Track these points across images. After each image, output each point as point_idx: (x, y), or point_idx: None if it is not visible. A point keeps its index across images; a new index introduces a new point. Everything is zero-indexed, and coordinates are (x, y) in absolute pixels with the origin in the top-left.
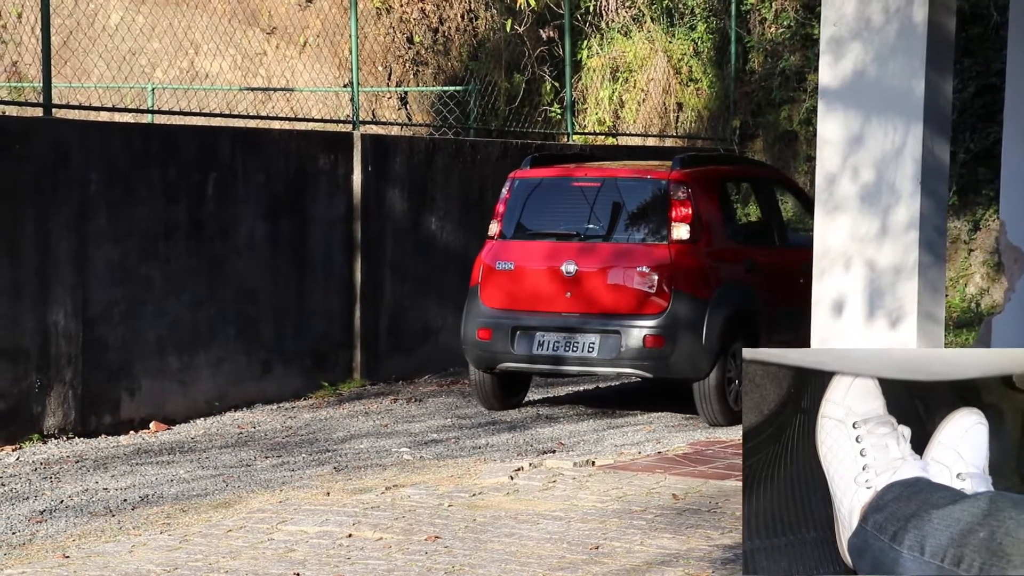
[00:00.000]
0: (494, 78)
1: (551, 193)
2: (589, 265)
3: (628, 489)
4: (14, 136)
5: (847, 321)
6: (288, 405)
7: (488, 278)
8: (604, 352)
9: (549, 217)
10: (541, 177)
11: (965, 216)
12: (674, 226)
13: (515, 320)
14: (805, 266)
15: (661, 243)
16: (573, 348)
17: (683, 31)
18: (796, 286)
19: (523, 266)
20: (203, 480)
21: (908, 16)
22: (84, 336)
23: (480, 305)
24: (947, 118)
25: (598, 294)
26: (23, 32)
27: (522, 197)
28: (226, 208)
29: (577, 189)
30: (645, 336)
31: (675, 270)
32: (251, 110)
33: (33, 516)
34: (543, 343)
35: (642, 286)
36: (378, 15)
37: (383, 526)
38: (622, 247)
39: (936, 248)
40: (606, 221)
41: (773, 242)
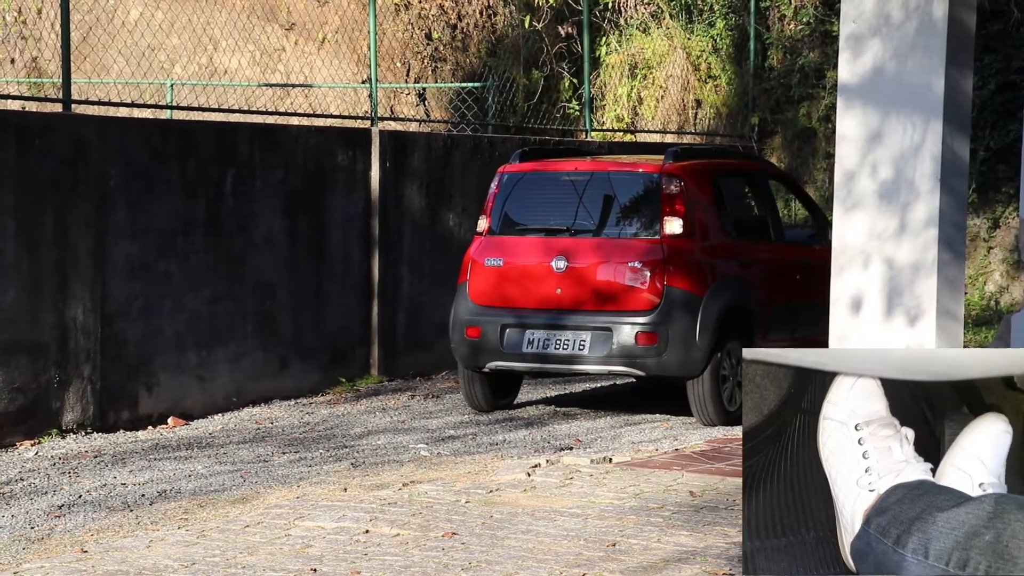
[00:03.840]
0: (512, 74)
1: (540, 187)
2: (579, 261)
3: (645, 486)
4: (34, 131)
5: (865, 319)
6: (306, 401)
7: (476, 274)
8: (595, 350)
9: (538, 212)
10: (530, 171)
11: (984, 213)
12: (666, 220)
13: (504, 318)
14: (802, 262)
15: (653, 238)
16: (563, 346)
17: (702, 28)
18: (793, 282)
19: (512, 262)
20: (221, 475)
21: (928, 13)
22: (103, 331)
23: (468, 302)
24: (967, 115)
25: (589, 290)
26: (43, 28)
27: (511, 192)
28: (244, 204)
29: (567, 183)
30: (637, 333)
31: (667, 265)
32: (269, 106)
33: (52, 511)
34: (532, 341)
35: (633, 282)
36: (397, 11)
37: (400, 522)
38: (613, 242)
39: (955, 245)
40: (597, 216)
41: (769, 237)
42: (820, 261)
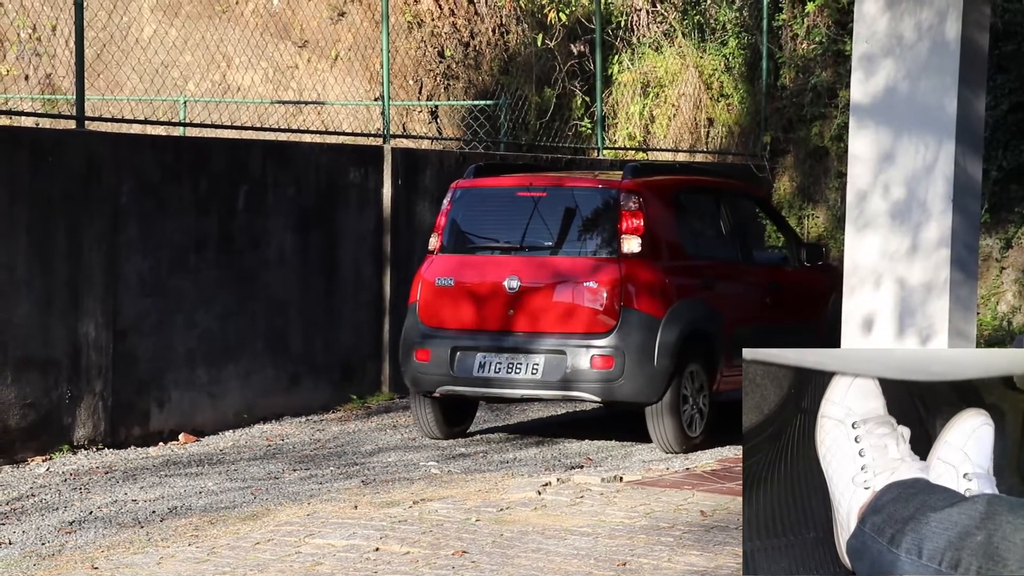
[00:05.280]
0: (525, 92)
1: (495, 204)
2: (534, 281)
3: (656, 505)
4: (47, 148)
5: (877, 338)
6: (316, 418)
7: (427, 295)
8: (549, 374)
9: (492, 229)
10: (485, 187)
11: (997, 234)
12: (624, 239)
13: (455, 340)
14: (772, 284)
15: (611, 257)
16: (516, 370)
17: (714, 47)
18: (762, 305)
19: (464, 282)
20: (231, 492)
21: (941, 33)
22: (114, 347)
23: (418, 324)
24: (979, 135)
25: (543, 312)
26: (57, 44)
27: (464, 208)
28: (256, 221)
29: (522, 199)
30: (592, 357)
31: (625, 286)
32: (282, 123)
33: (63, 527)
34: (484, 365)
35: (590, 303)
36: (409, 29)
37: (410, 540)
38: (569, 261)
39: (967, 266)
40: (553, 233)
41: (736, 258)
42: (792, 283)
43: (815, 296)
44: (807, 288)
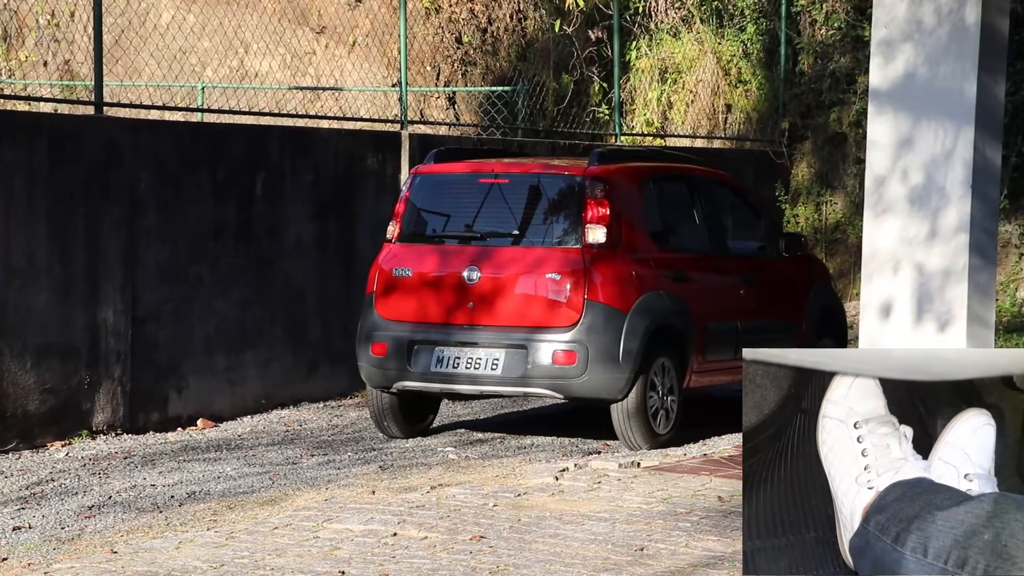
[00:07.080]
0: (542, 78)
1: (455, 191)
2: (494, 272)
3: (673, 491)
4: (66, 134)
5: (895, 324)
6: (334, 404)
7: (384, 286)
8: (509, 370)
9: (452, 218)
10: (445, 173)
11: (1016, 219)
12: (588, 228)
13: (412, 334)
14: (748, 276)
15: (574, 247)
16: (475, 365)
17: (733, 32)
18: (736, 298)
19: (422, 272)
20: (249, 477)
21: (960, 18)
22: (133, 334)
23: (375, 316)
24: (999, 121)
25: (503, 304)
26: (75, 31)
27: (424, 195)
28: (274, 208)
29: (484, 186)
30: (554, 352)
31: (589, 277)
32: (300, 109)
33: (82, 511)
34: (442, 359)
35: (552, 295)
36: (427, 15)
37: (428, 525)
38: (530, 251)
39: (986, 251)
40: (515, 222)
41: (709, 249)
42: (769, 275)
43: (794, 288)
44: (785, 280)
